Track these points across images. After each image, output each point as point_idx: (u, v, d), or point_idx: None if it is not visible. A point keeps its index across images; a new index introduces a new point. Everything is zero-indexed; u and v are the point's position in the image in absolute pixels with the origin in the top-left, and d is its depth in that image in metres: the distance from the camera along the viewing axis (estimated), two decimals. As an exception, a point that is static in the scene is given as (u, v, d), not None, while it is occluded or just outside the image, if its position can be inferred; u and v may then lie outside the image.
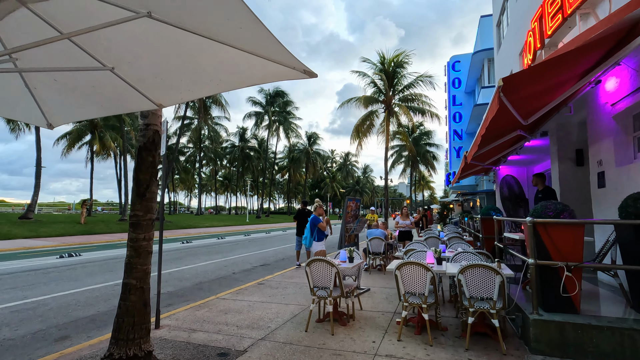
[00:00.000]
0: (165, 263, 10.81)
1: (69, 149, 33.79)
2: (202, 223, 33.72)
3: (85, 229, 21.54)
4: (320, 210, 6.76)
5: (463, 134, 26.28)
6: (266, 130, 50.14)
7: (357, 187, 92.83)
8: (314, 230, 6.66)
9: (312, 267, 4.54)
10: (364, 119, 19.33)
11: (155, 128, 3.59)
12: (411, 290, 4.13)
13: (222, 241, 18.86)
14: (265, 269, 10.25)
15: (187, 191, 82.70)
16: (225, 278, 8.70)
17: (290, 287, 7.19)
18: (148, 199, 3.46)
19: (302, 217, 9.82)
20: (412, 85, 18.72)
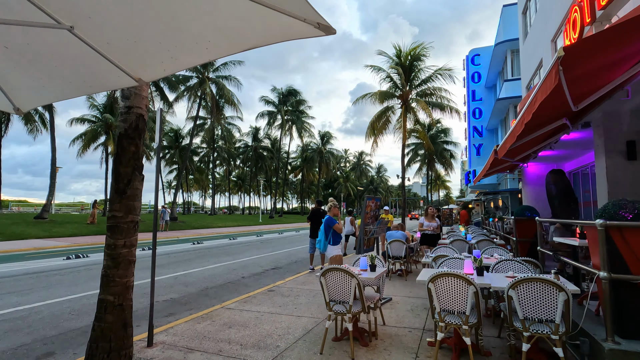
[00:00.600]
0: (173, 266, 10.33)
1: (84, 149, 34.08)
2: (215, 223, 33.49)
3: (97, 229, 21.44)
4: (335, 210, 6.09)
5: (483, 131, 25.14)
6: (279, 130, 49.77)
7: (371, 186, 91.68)
8: (329, 232, 5.99)
9: (327, 277, 3.87)
10: (379, 115, 18.53)
11: (139, 112, 2.98)
12: (449, 307, 3.41)
13: (234, 242, 18.39)
14: (276, 272, 9.64)
15: (202, 191, 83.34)
16: (234, 283, 8.12)
17: (302, 295, 6.54)
18: (130, 197, 2.86)
19: (316, 217, 9.17)
20: (431, 79, 17.81)
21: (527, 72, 14.53)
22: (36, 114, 32.28)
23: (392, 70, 18.14)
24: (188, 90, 32.41)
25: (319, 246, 6.04)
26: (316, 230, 9.17)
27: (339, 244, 6.01)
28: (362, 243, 5.85)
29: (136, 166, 2.91)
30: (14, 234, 17.39)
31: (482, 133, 25.05)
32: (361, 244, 5.86)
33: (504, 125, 21.81)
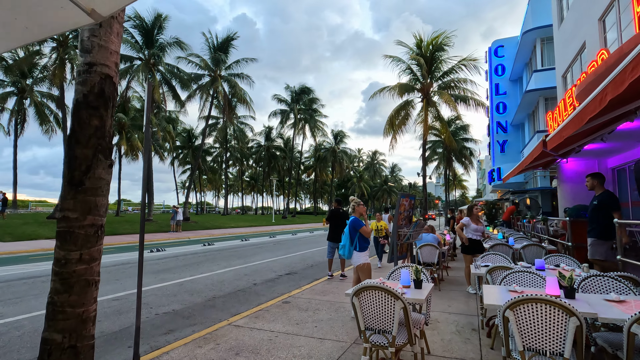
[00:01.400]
0: (180, 270, 9.57)
1: (97, 149, 34.05)
2: (227, 223, 32.95)
3: (108, 229, 21.03)
4: (361, 209, 5.16)
5: (508, 126, 23.75)
6: (292, 129, 49.03)
7: (385, 186, 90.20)
8: (355, 237, 5.06)
9: (363, 297, 2.95)
10: (398, 109, 17.47)
11: (105, 71, 2.12)
12: (539, 346, 2.44)
13: (246, 243, 17.63)
14: (291, 279, 8.76)
15: (215, 191, 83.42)
16: (244, 291, 7.27)
17: (323, 308, 5.63)
18: (89, 190, 2.00)
19: (335, 218, 8.25)
20: (454, 70, 16.65)
21: (564, 60, 13.27)
22: (51, 114, 32.41)
23: (412, 62, 17.07)
24: (200, 89, 31.94)
25: (342, 252, 5.12)
26: (335, 232, 8.26)
27: (367, 250, 5.08)
28: (395, 249, 4.89)
29: (100, 147, 2.06)
30: (23, 234, 17.06)
31: (507, 129, 23.67)
32: (394, 251, 4.90)
33: (532, 119, 20.43)
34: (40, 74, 27.60)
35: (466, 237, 6.03)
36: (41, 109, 31.30)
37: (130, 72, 26.83)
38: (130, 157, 38.83)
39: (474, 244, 5.81)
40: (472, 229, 5.82)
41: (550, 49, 17.76)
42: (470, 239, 5.78)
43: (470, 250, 5.57)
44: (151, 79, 27.46)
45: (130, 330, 4.80)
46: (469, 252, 5.67)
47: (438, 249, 6.94)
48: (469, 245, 5.84)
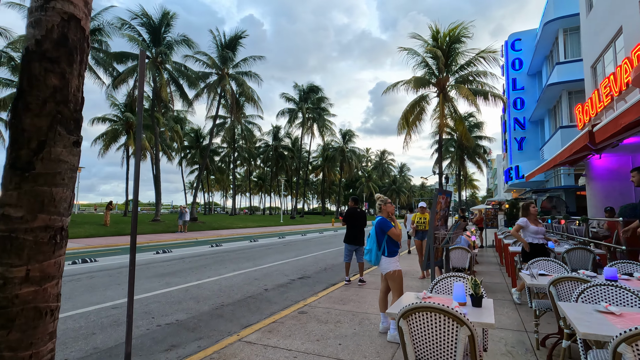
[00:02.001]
0: (186, 273, 9.00)
1: (105, 149, 33.88)
2: (235, 224, 32.49)
3: (115, 230, 20.69)
4: (388, 209, 4.50)
5: (526, 123, 22.83)
6: (300, 128, 48.47)
7: (394, 186, 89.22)
8: (383, 240, 4.39)
9: (413, 321, 2.28)
10: (413, 105, 16.73)
11: (69, 9, 1.50)
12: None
13: (255, 245, 17.06)
14: (304, 283, 8.12)
15: (223, 192, 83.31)
16: (255, 298, 6.65)
17: (345, 320, 4.98)
18: (41, 176, 1.39)
19: (353, 218, 7.58)
20: (472, 63, 15.85)
21: (593, 50, 12.42)
22: (59, 114, 32.33)
23: (428, 55, 16.30)
24: (208, 88, 31.53)
25: (368, 258, 4.45)
26: (353, 234, 7.59)
27: (397, 255, 4.40)
28: (432, 254, 4.21)
29: (60, 117, 1.43)
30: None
31: (525, 125, 22.75)
32: (430, 256, 4.22)
33: (553, 115, 19.50)
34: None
35: (526, 241, 5.13)
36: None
37: (137, 71, 26.47)
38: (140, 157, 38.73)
39: (536, 249, 4.89)
40: (532, 231, 4.93)
41: (574, 40, 16.87)
42: (531, 243, 4.93)
43: (532, 257, 4.66)
44: (158, 77, 27.11)
45: (142, 340, 4.21)
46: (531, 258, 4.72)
47: (469, 253, 6.25)
48: (531, 251, 4.97)
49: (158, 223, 26.14)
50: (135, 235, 3.16)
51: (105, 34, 25.55)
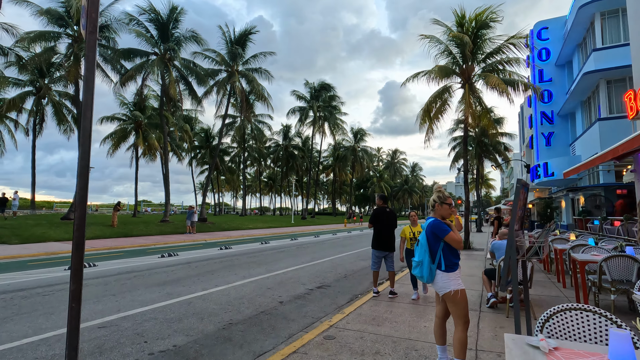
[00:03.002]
0: (191, 281, 8.02)
1: (114, 148, 33.40)
2: (245, 224, 31.65)
3: (122, 231, 19.97)
4: (446, 211, 3.43)
5: (554, 117, 21.37)
6: (310, 127, 47.44)
7: (406, 186, 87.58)
8: (438, 248, 3.31)
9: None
10: (435, 96, 15.50)
11: None
12: None
13: (266, 247, 16.08)
14: (324, 294, 7.07)
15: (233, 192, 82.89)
16: (269, 313, 5.63)
17: (386, 350, 3.90)
18: None
19: (382, 220, 6.48)
20: (501, 50, 14.57)
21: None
22: (69, 113, 31.93)
23: (451, 43, 15.06)
24: (217, 85, 30.75)
25: (418, 272, 3.36)
26: (381, 238, 6.47)
27: (458, 268, 3.31)
28: (514, 270, 3.09)
29: None
30: (32, 236, 16.07)
31: (553, 119, 21.31)
32: (513, 272, 3.10)
33: (587, 107, 18.03)
34: (56, 72, 26.98)
35: None
36: (59, 109, 30.80)
37: (146, 67, 25.85)
38: (149, 157, 38.24)
39: None
40: None
41: (613, 24, 15.45)
42: None
43: None
44: (167, 74, 26.42)
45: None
46: None
47: (531, 264, 5.11)
48: None
49: (167, 224, 25.41)
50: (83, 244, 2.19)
51: (112, 30, 24.97)
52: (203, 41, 27.76)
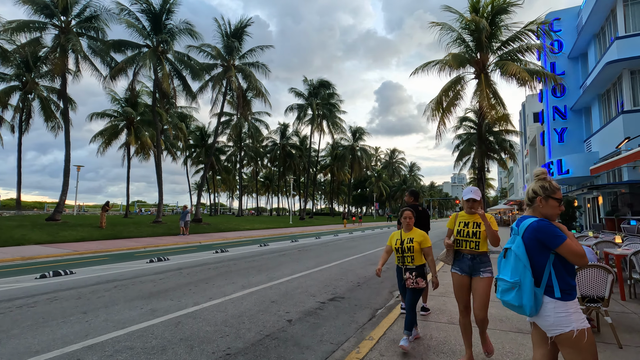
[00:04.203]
0: (180, 292, 6.83)
1: (105, 146, 32.05)
2: (242, 225, 30.42)
3: (111, 233, 18.70)
4: (553, 210, 2.31)
5: (567, 112, 20.41)
6: (308, 126, 46.26)
7: (404, 186, 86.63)
8: (547, 264, 2.18)
9: None
10: (448, 88, 14.45)
11: None
12: None
13: (265, 250, 14.91)
14: (340, 309, 5.93)
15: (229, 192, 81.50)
16: (276, 338, 4.48)
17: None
18: None
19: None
20: (518, 38, 13.55)
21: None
22: (57, 110, 30.49)
23: (464, 31, 14.02)
24: (213, 80, 29.50)
25: (512, 300, 2.24)
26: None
27: (575, 294, 2.19)
28: None
29: None
30: (10, 239, 14.78)
31: (566, 114, 20.34)
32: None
33: (605, 100, 17.06)
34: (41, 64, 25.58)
35: None
36: (46, 104, 29.36)
37: (138, 60, 24.56)
38: (142, 156, 36.87)
39: None
40: None
41: (637, 11, 14.48)
42: None
43: None
44: (159, 68, 25.15)
45: None
46: None
47: (611, 275, 4.01)
48: None
49: (159, 225, 24.16)
50: None
51: (102, 21, 23.66)
52: (198, 34, 26.51)
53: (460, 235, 3.60)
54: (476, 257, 3.52)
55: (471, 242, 3.52)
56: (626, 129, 13.77)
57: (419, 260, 3.97)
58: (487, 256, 3.54)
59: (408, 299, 3.95)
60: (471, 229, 3.55)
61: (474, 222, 3.56)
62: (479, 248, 3.51)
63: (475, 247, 3.51)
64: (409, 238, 4.01)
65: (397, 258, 4.14)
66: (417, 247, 3.94)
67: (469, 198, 3.57)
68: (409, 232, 4.09)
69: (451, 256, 3.67)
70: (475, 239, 3.51)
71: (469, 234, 3.55)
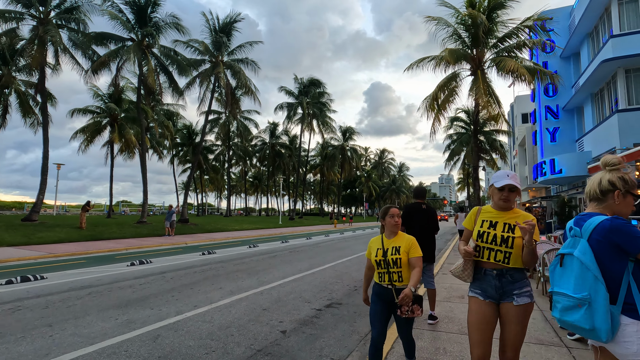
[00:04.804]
0: (163, 299, 6.20)
1: (87, 144, 30.83)
2: (230, 226, 29.64)
3: (91, 234, 17.77)
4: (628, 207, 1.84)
5: (559, 111, 20.38)
6: (299, 125, 45.67)
7: (394, 186, 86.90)
8: (623, 272, 1.70)
9: None
10: (443, 84, 14.12)
11: None
12: None
13: (255, 251, 14.29)
14: (338, 317, 5.42)
15: (217, 192, 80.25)
16: (270, 354, 3.94)
17: None
18: None
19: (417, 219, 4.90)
20: (515, 34, 13.30)
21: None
22: (36, 106, 29.15)
23: (460, 26, 13.71)
24: (200, 76, 28.63)
25: (578, 321, 1.78)
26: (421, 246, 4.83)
27: None
28: None
29: None
30: (-20, 241, 13.79)
31: (559, 114, 20.31)
32: None
33: (598, 100, 17.01)
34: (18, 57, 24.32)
35: None
36: (24, 99, 28.00)
37: (121, 54, 23.58)
38: (127, 154, 35.67)
39: None
40: None
41: (631, 9, 14.40)
42: None
43: None
44: (145, 63, 24.22)
45: None
46: None
47: None
48: None
49: (143, 225, 23.23)
50: None
51: (83, 12, 22.63)
52: (185, 29, 25.59)
53: (483, 240, 2.43)
54: (506, 274, 2.37)
55: (499, 252, 2.37)
56: (621, 128, 13.66)
57: (409, 277, 2.90)
58: (523, 273, 2.40)
59: (402, 332, 2.98)
60: (500, 232, 2.39)
61: (507, 224, 2.39)
62: (511, 262, 2.35)
63: (505, 261, 2.36)
64: (395, 247, 2.93)
65: (377, 274, 3.02)
66: (405, 258, 2.89)
67: (503, 185, 2.38)
68: (393, 238, 3.02)
69: (470, 270, 2.48)
70: (505, 248, 2.36)
71: (497, 240, 2.38)
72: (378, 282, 3.01)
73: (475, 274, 2.50)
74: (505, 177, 2.38)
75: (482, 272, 2.45)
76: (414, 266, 2.87)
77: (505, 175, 2.39)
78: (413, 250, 2.91)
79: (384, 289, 2.95)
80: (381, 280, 2.97)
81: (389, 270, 2.91)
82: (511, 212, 2.44)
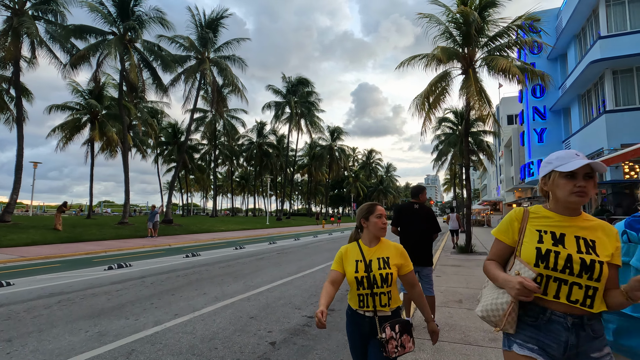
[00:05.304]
0: (141, 307, 5.71)
1: (66, 141, 29.61)
2: (216, 226, 28.95)
3: (69, 236, 16.92)
4: None
5: (547, 112, 20.54)
6: (286, 124, 45.18)
7: (381, 186, 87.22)
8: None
9: None
10: (435, 82, 13.94)
11: None
12: None
13: (242, 253, 13.81)
14: (332, 326, 5.06)
15: (203, 192, 78.86)
16: (258, 372, 3.53)
17: None
18: None
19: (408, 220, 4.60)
20: (506, 33, 13.21)
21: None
22: (11, 101, 27.82)
23: (452, 25, 13.55)
24: (185, 73, 27.85)
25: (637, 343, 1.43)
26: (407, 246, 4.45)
27: None
28: None
29: None
30: (-55, 244, 12.88)
31: (546, 115, 20.47)
32: None
33: (585, 101, 17.16)
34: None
35: None
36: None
37: (102, 48, 22.68)
38: (108, 153, 34.47)
39: None
40: None
41: (619, 11, 14.52)
42: None
43: None
44: (127, 57, 23.36)
45: None
46: None
47: None
48: None
49: (125, 226, 22.38)
50: None
51: (61, 4, 21.65)
52: (170, 24, 24.81)
53: (548, 265, 1.46)
54: (586, 325, 1.44)
55: (576, 288, 1.44)
56: (609, 129, 13.75)
57: (396, 300, 2.13)
58: (602, 322, 1.49)
59: None
60: (575, 252, 1.45)
61: (581, 238, 1.48)
62: (595, 305, 1.43)
63: (587, 302, 1.43)
64: (382, 259, 2.12)
65: (356, 298, 2.14)
66: (396, 274, 2.11)
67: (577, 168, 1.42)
68: (376, 246, 2.20)
69: (516, 314, 1.51)
70: (588, 281, 1.43)
71: (574, 267, 1.43)
72: (355, 309, 2.14)
73: (528, 316, 1.50)
74: (575, 157, 1.47)
75: (546, 316, 1.46)
76: (411, 285, 2.19)
77: (574, 155, 1.48)
78: (408, 263, 2.16)
79: (364, 318, 2.08)
80: (362, 305, 2.08)
81: (374, 292, 2.05)
82: (581, 218, 1.52)
